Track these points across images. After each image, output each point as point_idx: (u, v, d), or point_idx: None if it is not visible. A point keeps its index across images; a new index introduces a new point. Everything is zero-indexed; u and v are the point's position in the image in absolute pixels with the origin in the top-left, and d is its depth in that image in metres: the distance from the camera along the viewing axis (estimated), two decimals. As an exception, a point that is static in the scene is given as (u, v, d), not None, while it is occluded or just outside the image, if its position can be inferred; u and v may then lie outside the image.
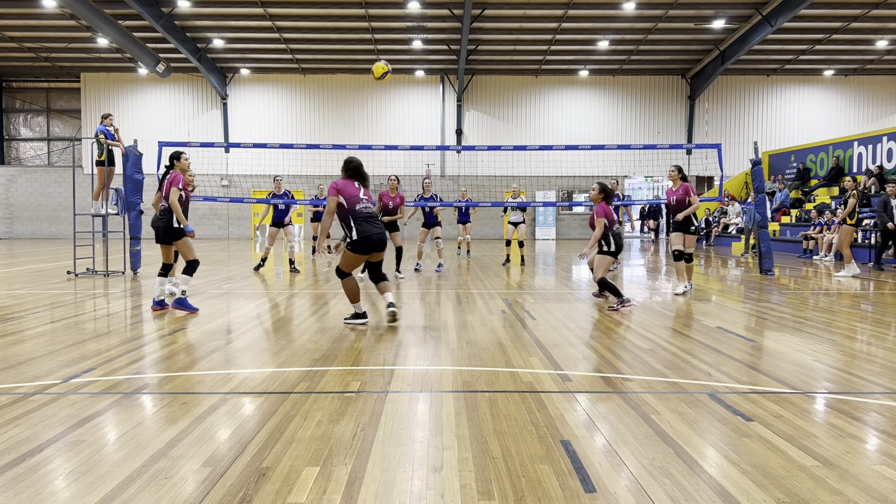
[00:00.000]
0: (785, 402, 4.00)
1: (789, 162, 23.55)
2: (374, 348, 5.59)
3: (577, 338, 6.11)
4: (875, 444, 3.33)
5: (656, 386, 4.40)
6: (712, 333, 6.32)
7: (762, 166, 12.88)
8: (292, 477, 2.88)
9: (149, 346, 5.74)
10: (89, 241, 14.04)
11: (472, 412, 3.79)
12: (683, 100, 30.14)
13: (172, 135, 28.07)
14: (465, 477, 2.88)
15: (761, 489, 2.76)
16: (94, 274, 11.77)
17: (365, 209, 6.54)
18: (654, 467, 2.99)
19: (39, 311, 7.65)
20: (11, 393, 4.21)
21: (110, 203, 12.17)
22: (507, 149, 15.09)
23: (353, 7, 22.36)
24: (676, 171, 9.52)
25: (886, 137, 18.76)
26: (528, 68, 29.00)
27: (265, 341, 5.96)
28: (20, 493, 2.71)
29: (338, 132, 29.28)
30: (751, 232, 17.62)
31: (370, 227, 6.49)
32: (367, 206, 6.57)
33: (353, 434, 3.42)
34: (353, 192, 6.57)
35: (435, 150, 27.87)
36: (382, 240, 6.59)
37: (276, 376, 4.64)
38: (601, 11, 22.73)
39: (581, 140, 28.40)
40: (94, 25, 21.15)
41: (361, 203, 6.54)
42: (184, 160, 7.74)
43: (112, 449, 3.22)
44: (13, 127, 31.19)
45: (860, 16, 22.87)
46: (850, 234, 12.36)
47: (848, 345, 5.85)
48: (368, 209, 6.58)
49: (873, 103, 30.13)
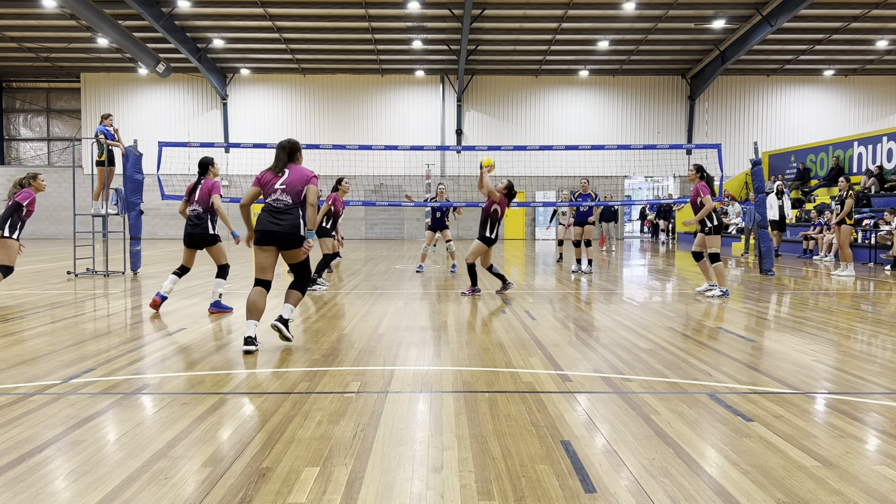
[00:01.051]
0: (785, 403, 4.00)
1: (789, 162, 23.55)
2: (374, 348, 5.59)
3: (577, 338, 6.10)
4: (875, 445, 3.33)
5: (656, 386, 4.40)
6: (712, 333, 6.32)
7: (762, 166, 12.88)
8: (292, 477, 2.88)
9: (149, 346, 5.74)
10: (89, 242, 14.04)
11: (472, 412, 3.79)
12: (683, 100, 30.14)
13: (172, 135, 28.09)
14: (465, 477, 2.88)
15: (761, 489, 2.76)
16: (94, 274, 11.77)
17: (273, 201, 5.57)
18: (654, 467, 2.99)
19: (39, 311, 7.65)
20: (11, 393, 4.20)
21: (110, 203, 12.17)
22: (507, 149, 15.10)
23: (353, 7, 22.36)
24: (695, 172, 9.41)
25: (886, 137, 18.76)
26: (528, 68, 29.00)
27: (265, 341, 5.96)
28: (20, 493, 2.71)
29: (338, 132, 29.28)
30: (751, 232, 17.64)
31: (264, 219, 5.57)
32: (277, 199, 5.56)
33: (353, 434, 3.42)
34: (268, 180, 5.68)
35: (435, 150, 27.88)
36: (273, 234, 5.50)
37: (276, 376, 4.64)
38: (601, 11, 22.73)
39: (581, 140, 28.41)
40: (94, 25, 21.15)
41: (274, 194, 5.59)
42: (217, 166, 7.75)
43: (112, 449, 3.22)
44: (13, 127, 31.19)
45: (860, 16, 22.88)
46: (849, 234, 12.38)
47: (848, 345, 5.85)
48: (277, 202, 5.55)
49: (873, 103, 30.13)
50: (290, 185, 5.57)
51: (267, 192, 5.61)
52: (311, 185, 5.62)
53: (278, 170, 5.64)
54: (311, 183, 5.62)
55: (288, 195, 5.54)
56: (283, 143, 5.75)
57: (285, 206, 5.53)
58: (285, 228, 5.48)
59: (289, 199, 5.54)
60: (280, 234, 5.49)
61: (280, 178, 5.61)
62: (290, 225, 5.50)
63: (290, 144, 5.75)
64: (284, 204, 5.54)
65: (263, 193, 5.65)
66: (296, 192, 5.57)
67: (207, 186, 7.48)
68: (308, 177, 5.64)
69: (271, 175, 5.65)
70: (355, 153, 25.66)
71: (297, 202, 5.56)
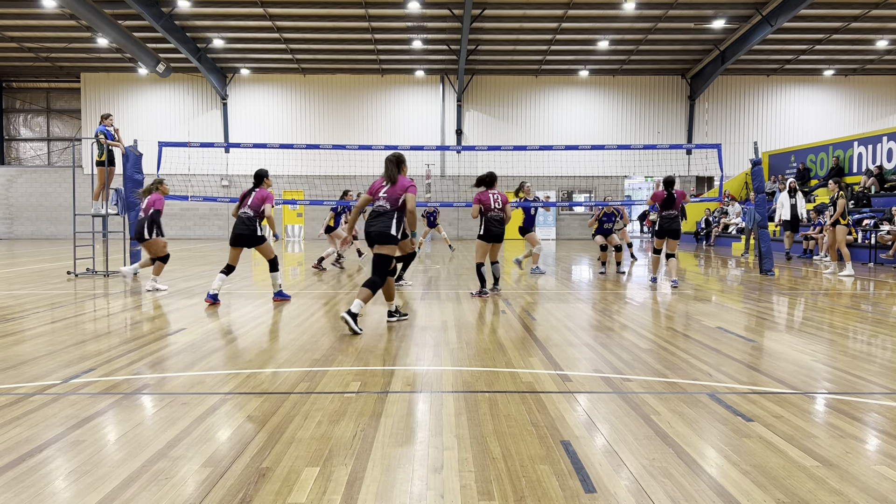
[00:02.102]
0: (785, 403, 4.00)
1: (789, 162, 23.55)
2: (374, 348, 5.59)
3: (577, 338, 6.10)
4: (875, 445, 3.33)
5: (656, 386, 4.40)
6: (712, 333, 6.32)
7: (762, 166, 12.89)
8: (292, 477, 2.88)
9: (149, 346, 5.74)
10: (89, 242, 14.05)
11: (472, 412, 3.79)
12: (683, 100, 30.14)
13: (172, 135, 28.09)
14: (465, 477, 2.88)
15: (761, 489, 2.76)
16: (94, 274, 11.77)
17: (377, 207, 6.61)
18: (654, 467, 2.99)
19: (39, 311, 7.65)
20: (11, 393, 4.20)
21: (110, 203, 12.17)
22: (507, 149, 15.08)
23: (353, 7, 22.36)
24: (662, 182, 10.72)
25: (886, 137, 18.76)
26: (528, 68, 29.00)
27: (265, 341, 5.96)
28: (20, 494, 2.71)
29: (338, 132, 29.28)
30: (751, 232, 17.61)
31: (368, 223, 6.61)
32: (379, 205, 6.60)
33: (353, 434, 3.42)
34: (377, 189, 6.68)
35: (435, 150, 27.87)
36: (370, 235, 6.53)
37: (276, 376, 4.64)
38: (601, 11, 22.73)
39: (581, 140, 28.41)
40: (94, 25, 21.15)
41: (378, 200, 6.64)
42: (270, 178, 8.73)
43: (112, 449, 3.22)
44: (13, 127, 31.18)
45: (860, 16, 22.88)
46: (844, 234, 12.41)
47: (848, 345, 5.85)
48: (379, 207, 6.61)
49: (873, 103, 30.13)
50: (390, 193, 6.50)
51: (375, 199, 6.60)
52: (409, 193, 6.47)
53: (389, 181, 6.53)
54: (408, 192, 6.47)
55: (387, 202, 6.48)
56: (390, 157, 6.60)
57: (383, 210, 6.47)
58: (380, 229, 6.41)
59: (387, 204, 6.47)
60: (374, 234, 6.43)
61: (385, 186, 6.54)
62: (384, 225, 6.42)
63: (396, 158, 6.61)
64: (383, 209, 6.48)
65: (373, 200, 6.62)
66: (394, 199, 6.47)
67: (262, 195, 8.38)
68: (406, 186, 6.49)
69: (380, 184, 6.59)
70: (355, 153, 25.67)
71: (394, 208, 6.46)
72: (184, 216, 29.91)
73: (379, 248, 6.46)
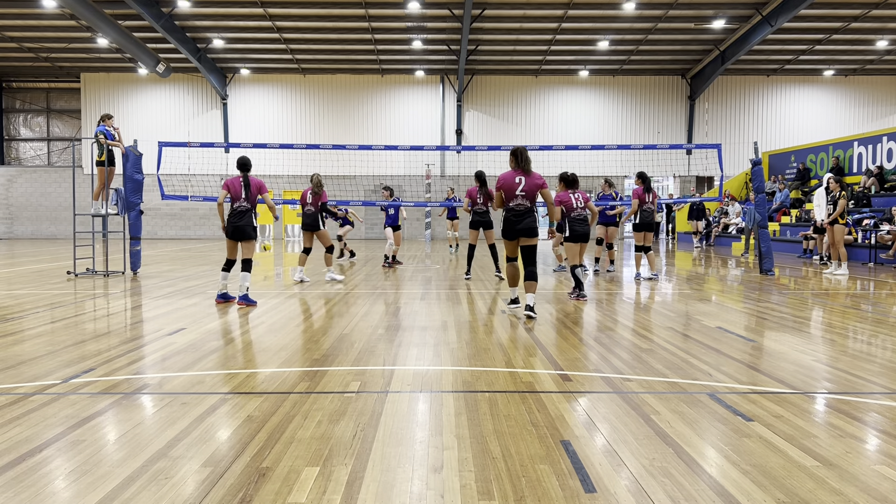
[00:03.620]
0: (785, 403, 4.00)
1: (789, 162, 23.55)
2: (374, 348, 5.59)
3: (577, 338, 6.10)
4: (875, 444, 3.33)
5: (656, 386, 4.40)
6: (712, 333, 6.32)
7: (762, 166, 12.88)
8: (292, 477, 2.87)
9: (149, 346, 5.74)
10: (89, 242, 14.05)
11: (472, 412, 3.79)
12: (683, 100, 30.13)
13: (172, 135, 28.08)
14: (465, 477, 2.88)
15: (761, 489, 2.76)
16: (94, 274, 11.77)
17: (516, 206, 7.16)
18: (654, 467, 2.99)
19: (39, 311, 7.65)
20: (11, 393, 4.20)
21: (110, 203, 12.17)
22: (507, 149, 15.06)
23: (353, 7, 22.35)
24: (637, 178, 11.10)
25: (886, 137, 18.75)
26: (528, 68, 29.00)
27: (265, 341, 5.96)
28: (20, 493, 2.71)
29: (338, 132, 29.28)
30: (751, 232, 17.61)
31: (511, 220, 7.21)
32: (518, 204, 7.15)
33: (353, 434, 3.42)
34: (510, 186, 7.18)
35: (435, 150, 27.85)
36: (516, 231, 7.23)
37: (276, 376, 4.64)
38: (601, 11, 22.73)
39: (581, 140, 28.40)
40: (94, 25, 21.14)
41: (516, 199, 7.17)
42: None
43: (112, 449, 3.22)
44: (13, 127, 31.18)
45: (860, 16, 22.87)
46: (843, 233, 12.41)
47: (848, 345, 5.85)
48: (519, 206, 7.15)
49: (873, 103, 30.12)
50: (528, 192, 7.09)
51: (509, 197, 7.12)
52: (544, 189, 7.17)
53: (525, 172, 7.15)
54: (543, 188, 7.16)
55: (526, 200, 7.10)
56: (515, 151, 7.21)
57: (525, 209, 7.13)
58: (528, 225, 7.12)
59: (527, 202, 7.10)
60: (521, 229, 7.12)
61: (519, 185, 7.08)
62: (531, 220, 7.16)
63: (521, 153, 7.22)
64: (525, 207, 7.12)
65: (505, 198, 7.14)
66: (531, 198, 7.13)
67: (258, 184, 8.43)
68: (539, 184, 7.14)
69: (513, 180, 7.11)
70: (355, 153, 25.65)
71: (532, 206, 7.15)
72: (184, 216, 29.91)
73: (527, 241, 7.19)
